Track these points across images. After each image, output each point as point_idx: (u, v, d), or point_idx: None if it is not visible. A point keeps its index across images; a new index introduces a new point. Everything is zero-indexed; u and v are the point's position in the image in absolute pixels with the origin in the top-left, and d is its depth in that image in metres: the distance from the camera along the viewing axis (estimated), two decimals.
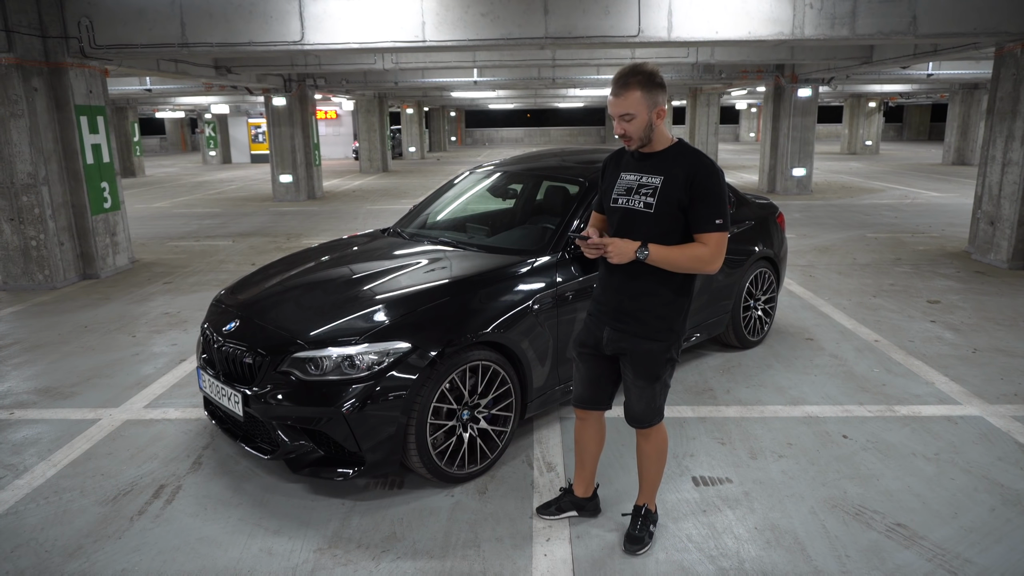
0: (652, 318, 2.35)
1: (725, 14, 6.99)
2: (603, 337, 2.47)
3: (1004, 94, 7.41)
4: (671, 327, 2.37)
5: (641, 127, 2.23)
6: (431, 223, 4.45)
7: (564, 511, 2.84)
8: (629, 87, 2.18)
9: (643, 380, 2.42)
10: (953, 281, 6.82)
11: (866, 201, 13.28)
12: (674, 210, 2.25)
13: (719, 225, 2.23)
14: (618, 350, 2.44)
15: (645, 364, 2.39)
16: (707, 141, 21.58)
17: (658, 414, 2.51)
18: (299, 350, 2.90)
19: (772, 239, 4.89)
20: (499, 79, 15.50)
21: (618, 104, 2.20)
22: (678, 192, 2.23)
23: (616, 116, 2.23)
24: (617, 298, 2.39)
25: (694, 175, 2.22)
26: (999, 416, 3.77)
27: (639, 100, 2.18)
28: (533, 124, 48.55)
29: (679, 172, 2.24)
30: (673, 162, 2.28)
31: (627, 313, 2.38)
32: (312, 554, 2.65)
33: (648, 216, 2.27)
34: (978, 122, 21.98)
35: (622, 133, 2.26)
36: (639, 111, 2.20)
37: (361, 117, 23.19)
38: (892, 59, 11.24)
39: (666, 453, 2.64)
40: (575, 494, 2.85)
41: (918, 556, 2.58)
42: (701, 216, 2.23)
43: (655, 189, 2.26)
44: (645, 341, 2.37)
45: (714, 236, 2.23)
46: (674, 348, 2.40)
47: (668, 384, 2.49)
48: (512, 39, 7.10)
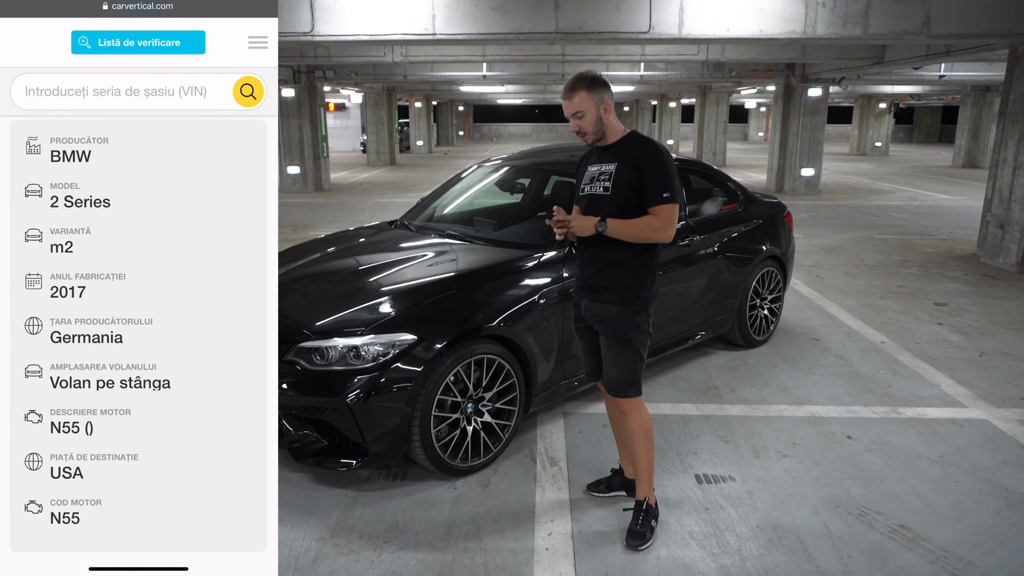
0: (619, 286, 2.58)
1: (737, 11, 6.95)
2: (582, 308, 2.71)
3: (1017, 96, 7.36)
4: (637, 293, 2.59)
5: (592, 122, 2.54)
6: (438, 216, 4.45)
7: (613, 490, 2.97)
8: (576, 89, 2.52)
9: (615, 344, 2.61)
10: (961, 284, 6.79)
11: (874, 202, 13.22)
12: (627, 190, 2.52)
13: (666, 198, 2.48)
14: (593, 319, 2.66)
15: (615, 326, 2.60)
16: (715, 140, 21.51)
17: (633, 385, 2.64)
18: (305, 340, 2.90)
19: (780, 238, 4.87)
20: (508, 74, 15.48)
21: (569, 105, 2.54)
22: (628, 174, 2.52)
23: (570, 115, 2.55)
24: (588, 271, 2.66)
25: (640, 156, 2.52)
26: (1005, 420, 3.75)
27: (585, 98, 2.51)
28: (541, 120, 48.39)
29: (629, 156, 2.54)
30: (625, 149, 2.57)
31: (598, 284, 2.62)
32: (314, 543, 2.66)
33: (606, 198, 2.56)
34: (989, 125, 21.81)
35: (577, 130, 2.57)
36: (587, 108, 2.51)
37: (369, 110, 23.19)
38: (904, 60, 11.18)
39: (652, 436, 2.70)
40: (624, 474, 2.96)
41: (921, 558, 2.57)
42: (649, 191, 2.49)
43: (611, 174, 2.57)
44: (613, 306, 2.60)
45: (664, 208, 2.48)
46: (641, 314, 2.61)
47: (642, 355, 2.64)
48: (522, 34, 7.08)
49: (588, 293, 2.67)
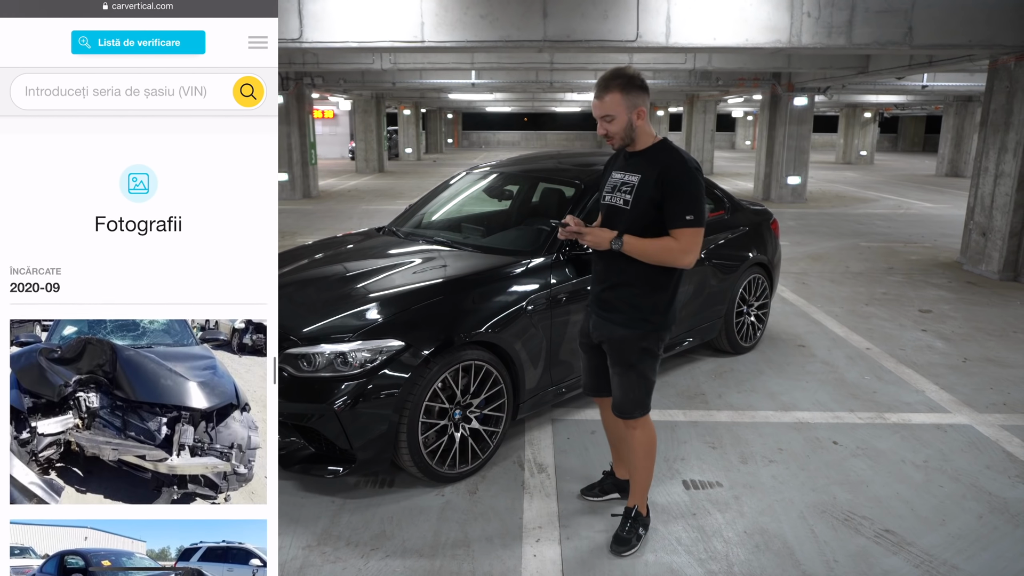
0: (627, 307, 2.44)
1: (723, 21, 7.02)
2: (590, 324, 2.60)
3: (998, 106, 7.47)
4: (646, 318, 2.44)
5: (621, 127, 2.34)
6: (426, 223, 4.45)
7: (607, 493, 2.95)
8: (609, 90, 2.30)
9: (618, 367, 2.51)
10: (945, 291, 6.86)
11: (860, 210, 13.35)
12: (647, 207, 2.34)
13: (689, 221, 2.29)
14: (600, 337, 2.55)
15: (619, 351, 2.49)
16: (703, 148, 21.65)
17: (639, 407, 2.54)
18: (292, 346, 2.89)
19: (766, 246, 4.91)
20: (497, 81, 15.52)
21: (600, 106, 2.33)
22: (650, 190, 2.33)
23: (599, 117, 2.36)
24: (600, 287, 2.53)
25: (666, 173, 2.32)
26: (988, 425, 3.79)
27: (619, 102, 2.30)
28: (530, 128, 48.54)
29: (654, 170, 2.34)
30: (651, 160, 2.38)
31: (607, 302, 2.50)
32: (301, 551, 2.64)
33: (626, 212, 2.39)
34: (972, 134, 22.11)
35: (604, 134, 2.38)
36: (619, 112, 2.31)
37: (358, 117, 23.16)
38: (888, 69, 11.33)
39: (654, 452, 2.66)
40: (616, 476, 2.95)
41: (905, 562, 2.59)
42: (672, 212, 2.31)
43: (632, 187, 2.38)
44: (619, 328, 2.47)
45: (686, 232, 2.30)
46: (650, 339, 2.45)
47: (649, 378, 2.52)
48: (511, 41, 7.11)
49: (598, 309, 2.54)
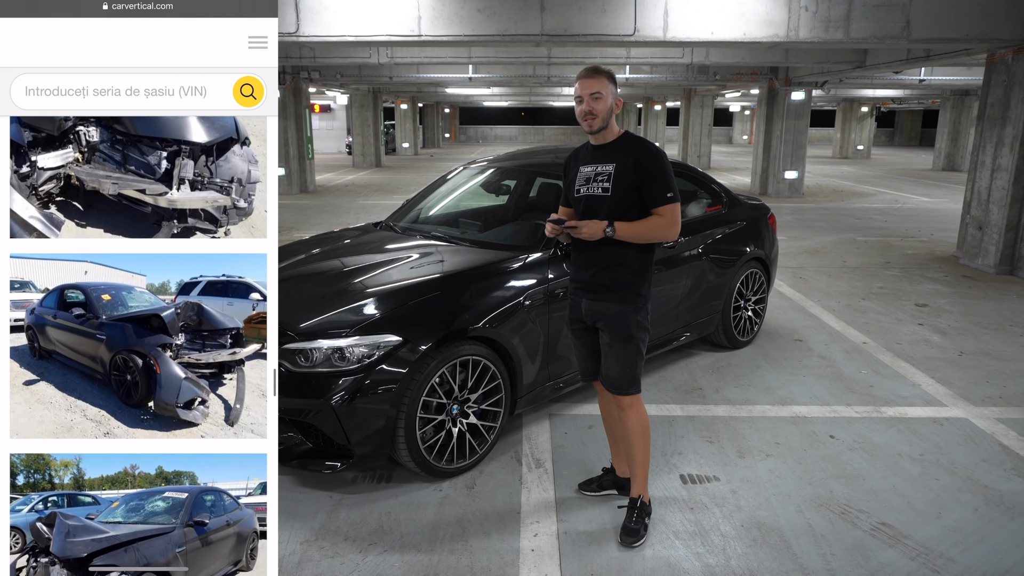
0: (622, 285, 2.62)
1: (721, 15, 7.00)
2: (581, 309, 2.71)
3: (995, 100, 7.47)
4: (638, 291, 2.64)
5: (606, 108, 2.54)
6: (424, 218, 4.44)
7: (604, 489, 2.99)
8: (600, 75, 2.54)
9: (618, 341, 2.63)
10: (941, 285, 6.88)
11: (857, 205, 13.37)
12: (628, 191, 2.55)
13: (670, 198, 2.54)
14: (595, 318, 2.68)
15: (618, 324, 2.62)
16: (700, 142, 21.66)
17: (634, 382, 2.67)
18: (289, 342, 2.88)
19: (763, 240, 4.91)
20: (494, 76, 15.49)
21: (590, 84, 2.52)
22: (629, 176, 2.54)
23: (587, 95, 2.52)
24: (589, 272, 2.67)
25: (641, 159, 2.55)
26: (984, 418, 3.80)
27: (606, 85, 2.54)
28: (527, 122, 48.45)
29: (628, 158, 2.56)
30: (622, 150, 2.59)
31: (600, 284, 2.64)
32: (299, 546, 2.64)
33: (606, 199, 2.58)
34: (968, 128, 22.14)
35: (589, 111, 2.53)
36: (607, 94, 2.53)
37: (355, 112, 23.10)
38: (885, 63, 11.32)
39: (649, 434, 2.73)
40: (616, 473, 2.98)
41: (902, 555, 2.60)
42: (653, 193, 2.54)
43: (609, 175, 2.58)
44: (616, 304, 2.62)
45: (667, 208, 2.54)
46: (642, 312, 2.65)
47: (642, 352, 2.68)
48: (508, 35, 7.09)
49: (588, 293, 2.68)
